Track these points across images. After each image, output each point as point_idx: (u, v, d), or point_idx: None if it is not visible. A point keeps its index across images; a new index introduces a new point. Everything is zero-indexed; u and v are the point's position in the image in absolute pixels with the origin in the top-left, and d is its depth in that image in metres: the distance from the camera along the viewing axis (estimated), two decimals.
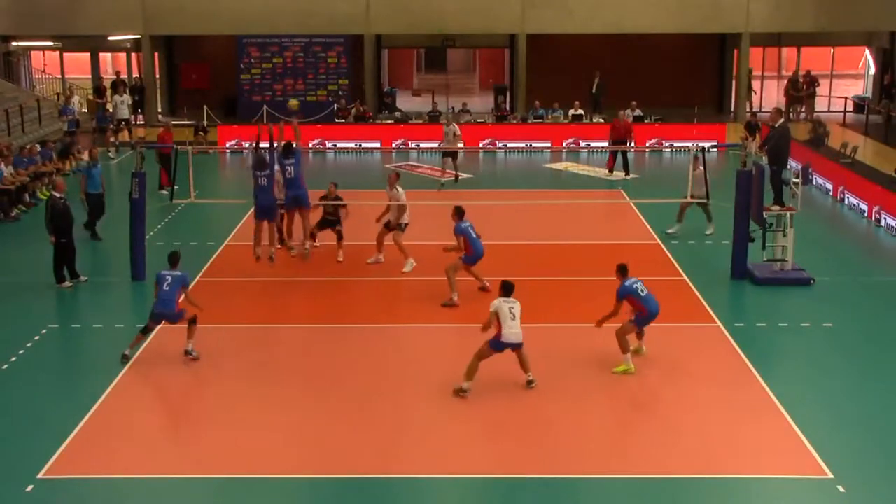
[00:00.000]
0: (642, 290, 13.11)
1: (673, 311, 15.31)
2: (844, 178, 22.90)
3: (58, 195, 16.79)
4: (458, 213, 15.88)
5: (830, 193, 23.41)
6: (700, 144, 18.22)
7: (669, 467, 10.49)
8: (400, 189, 17.56)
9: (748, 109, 24.63)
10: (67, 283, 16.60)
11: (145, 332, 13.44)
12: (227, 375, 12.89)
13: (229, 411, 11.81)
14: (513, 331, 12.21)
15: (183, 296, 13.46)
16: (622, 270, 13.28)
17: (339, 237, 17.87)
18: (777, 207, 16.85)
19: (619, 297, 13.11)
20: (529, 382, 12.46)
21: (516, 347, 12.39)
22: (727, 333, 14.31)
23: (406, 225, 17.37)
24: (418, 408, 11.99)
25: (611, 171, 25.96)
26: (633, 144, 27.14)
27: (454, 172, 24.87)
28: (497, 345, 12.31)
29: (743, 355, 13.47)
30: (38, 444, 10.91)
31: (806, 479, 10.29)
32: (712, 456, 10.75)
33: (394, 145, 30.39)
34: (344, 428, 11.39)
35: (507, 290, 12.47)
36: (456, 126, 25.77)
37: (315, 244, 17.72)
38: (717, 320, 14.85)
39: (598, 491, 10.20)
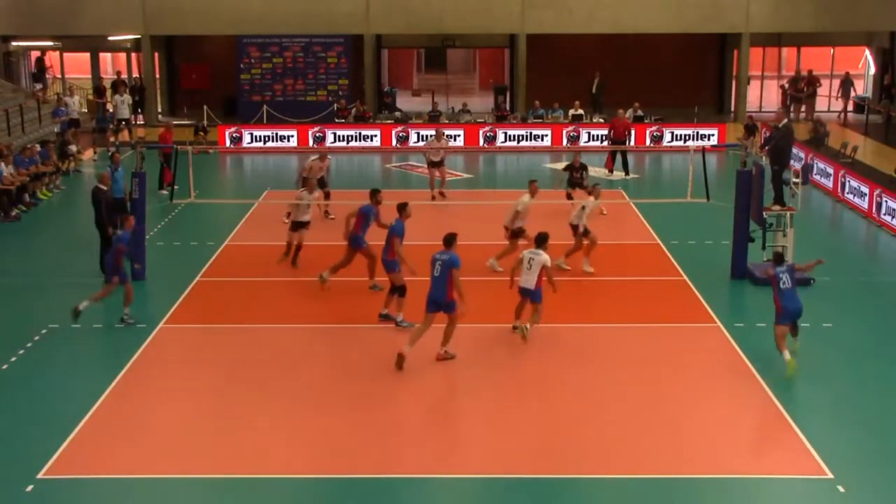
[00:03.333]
0: (784, 283, 12.65)
1: (673, 311, 15.36)
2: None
3: (104, 188, 17.01)
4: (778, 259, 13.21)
5: (831, 179, 23.36)
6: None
7: (669, 467, 10.49)
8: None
9: (745, 149, 24.76)
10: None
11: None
12: (227, 375, 12.90)
13: (229, 411, 11.81)
14: (525, 277, 13.69)
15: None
16: (776, 258, 13.16)
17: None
18: (777, 207, 16.84)
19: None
20: (514, 328, 13.97)
21: (526, 294, 13.77)
22: (727, 333, 14.31)
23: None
24: (418, 408, 11.99)
25: (611, 171, 26.01)
26: (632, 143, 27.26)
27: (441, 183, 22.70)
28: (519, 290, 13.89)
29: (743, 355, 13.47)
30: (38, 444, 10.91)
31: (806, 479, 10.29)
32: (712, 456, 10.75)
33: (394, 133, 30.47)
34: (344, 428, 11.39)
35: (539, 241, 13.83)
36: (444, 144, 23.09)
37: None
38: (717, 320, 14.85)
39: (597, 491, 10.21)
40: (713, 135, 30.11)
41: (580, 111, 32.19)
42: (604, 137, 28.99)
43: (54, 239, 20.00)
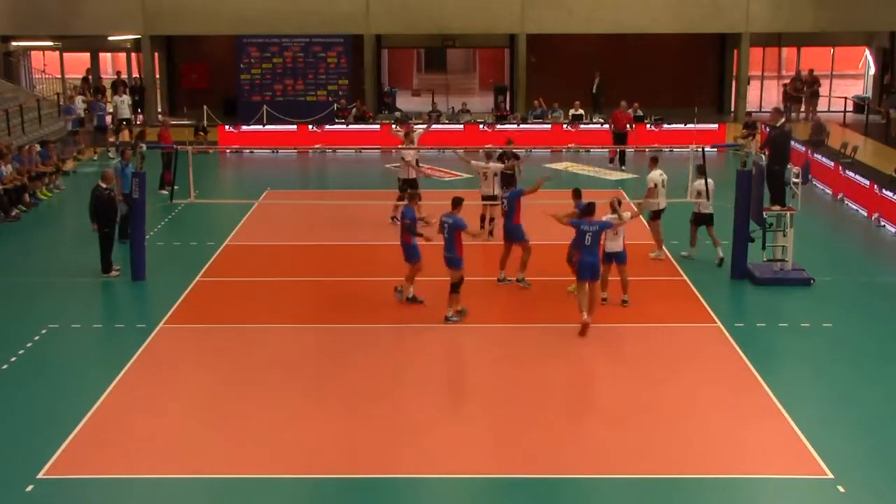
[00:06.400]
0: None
1: (673, 311, 15.36)
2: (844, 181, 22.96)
3: (104, 186, 16.98)
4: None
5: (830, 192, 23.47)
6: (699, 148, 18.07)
7: (669, 467, 10.48)
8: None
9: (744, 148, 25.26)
10: (115, 272, 16.91)
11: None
12: (227, 375, 12.88)
13: (229, 412, 11.80)
14: (611, 243, 15.07)
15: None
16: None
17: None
18: (777, 207, 16.84)
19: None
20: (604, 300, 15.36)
21: (614, 259, 15.21)
22: (727, 333, 14.30)
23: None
24: (418, 408, 11.98)
25: (612, 161, 26.61)
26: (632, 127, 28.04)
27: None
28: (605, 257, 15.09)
29: (743, 355, 13.46)
30: (38, 444, 10.90)
31: (806, 479, 10.29)
32: (712, 456, 10.74)
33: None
34: (344, 428, 11.39)
35: (614, 207, 15.23)
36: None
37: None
38: (717, 320, 14.84)
39: (597, 491, 10.20)
40: (713, 128, 30.42)
41: (580, 111, 32.23)
42: (603, 121, 29.62)
43: (54, 239, 20.00)
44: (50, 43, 36.22)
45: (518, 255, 16.19)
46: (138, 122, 34.15)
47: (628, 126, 27.69)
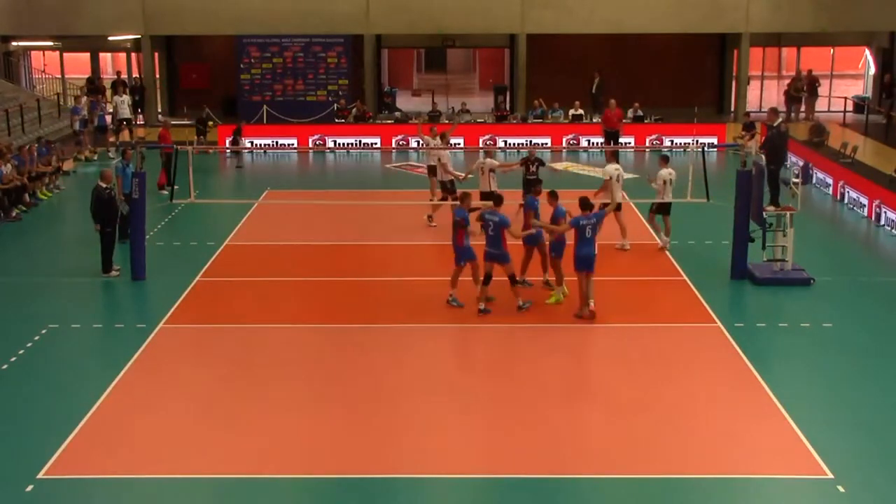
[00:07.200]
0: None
1: (673, 311, 15.36)
2: (844, 178, 22.97)
3: (103, 185, 17.00)
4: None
5: (830, 189, 23.46)
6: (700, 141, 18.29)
7: (669, 467, 10.48)
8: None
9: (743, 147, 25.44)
10: (115, 272, 16.89)
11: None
12: (227, 375, 12.89)
13: (229, 411, 11.80)
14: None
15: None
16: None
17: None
18: (773, 207, 16.84)
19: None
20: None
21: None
22: (727, 333, 14.30)
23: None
24: (418, 407, 11.98)
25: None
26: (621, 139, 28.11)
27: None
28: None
29: (743, 355, 13.47)
30: (38, 444, 10.90)
31: (806, 479, 10.29)
32: (712, 456, 10.75)
33: (394, 143, 30.43)
34: (344, 428, 11.39)
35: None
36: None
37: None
38: (717, 320, 14.85)
39: (597, 491, 10.20)
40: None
41: (580, 111, 32.25)
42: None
43: (54, 239, 20.01)
44: (50, 43, 36.23)
45: (520, 259, 16.18)
46: (138, 122, 34.14)
47: (619, 123, 28.08)
